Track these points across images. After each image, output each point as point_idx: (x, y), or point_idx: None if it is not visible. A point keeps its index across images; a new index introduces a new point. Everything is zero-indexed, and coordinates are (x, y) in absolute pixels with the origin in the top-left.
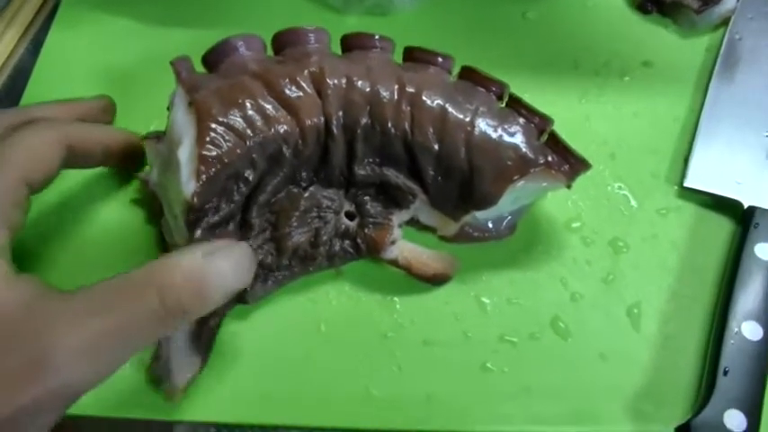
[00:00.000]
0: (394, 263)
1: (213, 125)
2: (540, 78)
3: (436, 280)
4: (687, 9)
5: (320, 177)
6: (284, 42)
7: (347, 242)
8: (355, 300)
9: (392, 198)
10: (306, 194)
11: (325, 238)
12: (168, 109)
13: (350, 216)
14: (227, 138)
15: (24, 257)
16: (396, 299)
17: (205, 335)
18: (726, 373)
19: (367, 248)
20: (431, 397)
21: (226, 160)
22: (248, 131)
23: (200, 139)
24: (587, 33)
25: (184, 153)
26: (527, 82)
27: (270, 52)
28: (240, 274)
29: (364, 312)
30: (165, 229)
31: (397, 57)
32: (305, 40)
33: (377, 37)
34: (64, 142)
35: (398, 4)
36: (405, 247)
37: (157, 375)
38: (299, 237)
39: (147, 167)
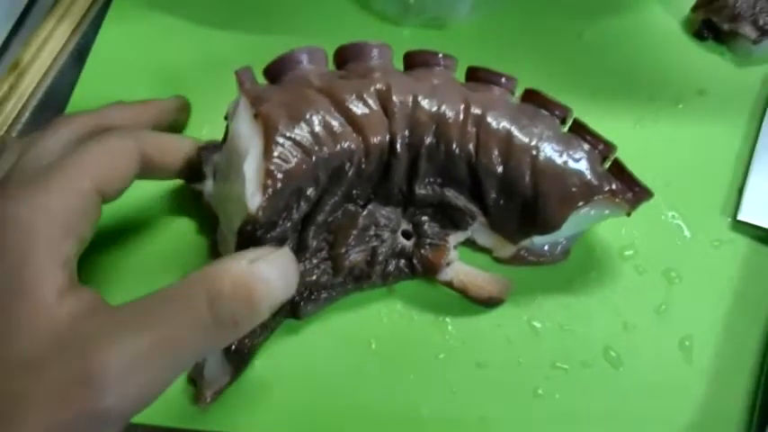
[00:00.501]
0: (449, 284)
1: (280, 139)
2: (595, 101)
3: (491, 303)
4: (744, 38)
5: (378, 195)
6: (347, 57)
7: (403, 261)
8: (407, 318)
9: (450, 219)
10: (364, 213)
11: (381, 257)
12: (226, 118)
13: (406, 235)
14: (293, 153)
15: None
16: (448, 319)
17: (240, 350)
18: None
19: (423, 269)
20: (483, 420)
21: (292, 176)
22: (315, 147)
23: (268, 153)
24: (642, 57)
25: (251, 166)
26: (582, 104)
27: (331, 65)
28: (288, 282)
29: (416, 332)
30: (219, 240)
31: (457, 72)
32: (369, 55)
33: (441, 55)
34: (140, 153)
35: (456, 17)
36: (460, 268)
37: (193, 377)
38: (355, 256)
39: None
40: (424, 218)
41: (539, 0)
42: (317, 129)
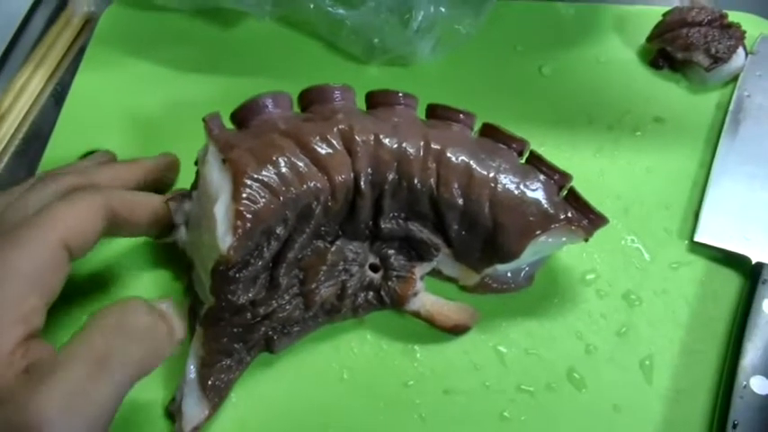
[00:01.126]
0: (416, 314)
1: (248, 182)
2: (556, 133)
3: (457, 330)
4: (698, 66)
5: (346, 231)
6: (311, 99)
7: (371, 294)
8: (377, 348)
9: (416, 251)
10: (332, 249)
11: (350, 291)
12: (196, 164)
13: (374, 268)
14: (262, 194)
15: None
16: (416, 347)
17: (217, 385)
18: (735, 426)
19: (391, 301)
20: None
21: (261, 216)
22: (282, 188)
23: (237, 196)
24: (601, 88)
25: (221, 209)
26: (543, 136)
27: (296, 107)
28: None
29: (386, 361)
30: (195, 281)
31: (420, 109)
32: (331, 97)
33: (401, 94)
34: (108, 210)
35: (420, 56)
36: (427, 299)
37: (172, 413)
38: (326, 290)
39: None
40: (391, 251)
41: (499, 38)
42: (284, 170)
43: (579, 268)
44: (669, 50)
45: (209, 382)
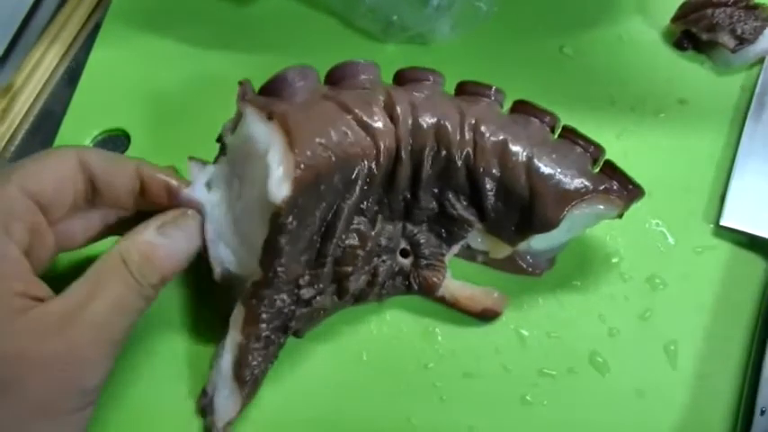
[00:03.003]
0: (442, 300)
1: (302, 135)
2: (578, 114)
3: (486, 315)
4: (723, 47)
5: (383, 206)
6: (340, 76)
7: (400, 279)
8: (396, 330)
9: (447, 230)
10: (373, 232)
11: (381, 278)
12: (218, 140)
13: (404, 254)
14: (315, 150)
15: None
16: (437, 330)
17: (250, 378)
18: (763, 413)
19: (420, 288)
20: (472, 429)
21: (318, 170)
22: (333, 146)
23: (293, 147)
24: (623, 69)
25: (274, 158)
26: (564, 117)
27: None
28: (191, 239)
29: (406, 343)
30: (233, 267)
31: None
32: (359, 72)
33: (429, 71)
34: (84, 167)
35: (439, 34)
36: (452, 284)
37: (204, 408)
38: (360, 279)
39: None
40: (422, 237)
41: (519, 16)
42: (332, 130)
43: (602, 251)
44: (694, 31)
45: (245, 374)
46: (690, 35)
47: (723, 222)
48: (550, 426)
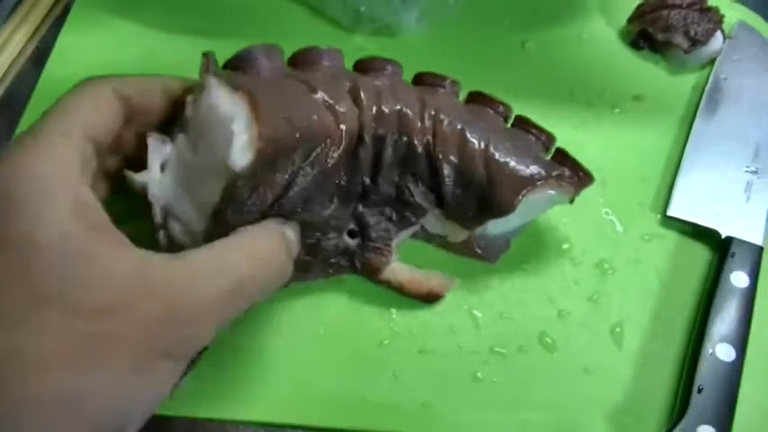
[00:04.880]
0: (386, 283)
1: (268, 108)
2: (537, 106)
3: (430, 298)
4: (677, 48)
5: (341, 188)
6: (302, 60)
7: (344, 258)
8: (353, 308)
9: (400, 214)
10: (325, 212)
11: (324, 253)
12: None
13: (351, 234)
14: (279, 124)
15: None
16: (393, 309)
17: None
18: (700, 390)
19: (363, 270)
20: (425, 405)
21: (281, 143)
22: (296, 122)
23: (258, 118)
24: (582, 65)
25: (239, 127)
26: (525, 109)
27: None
28: (298, 246)
29: (362, 320)
30: (165, 239)
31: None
32: (321, 58)
33: (388, 61)
34: (121, 95)
35: (406, 26)
36: (398, 267)
37: None
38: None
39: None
40: (372, 219)
41: (485, 11)
42: (298, 107)
43: (555, 237)
44: (650, 31)
45: None
46: (646, 35)
47: (670, 213)
48: (500, 401)
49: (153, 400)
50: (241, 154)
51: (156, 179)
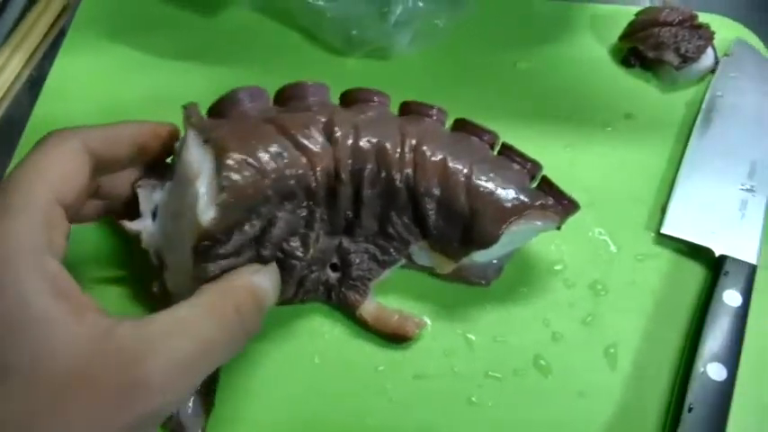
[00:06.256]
0: (359, 319)
1: (231, 158)
2: (529, 126)
3: (396, 338)
4: (668, 65)
5: (324, 222)
6: (288, 96)
7: (321, 288)
8: (348, 334)
9: (383, 251)
10: (310, 246)
11: (306, 286)
12: (171, 157)
13: (333, 267)
14: (244, 171)
15: None
16: None
17: (207, 381)
18: (690, 410)
19: (339, 304)
20: (420, 428)
21: (244, 192)
22: (264, 167)
23: (220, 170)
24: (573, 84)
25: (203, 183)
26: (516, 129)
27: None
28: (276, 288)
29: (357, 346)
30: (168, 280)
31: (394, 104)
32: (307, 93)
33: (374, 92)
34: (88, 150)
35: (398, 48)
36: (369, 306)
37: (171, 429)
38: (287, 289)
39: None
40: (356, 258)
41: (476, 33)
42: (266, 152)
43: (547, 259)
44: (640, 49)
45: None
46: (637, 53)
47: (664, 230)
48: (495, 425)
49: None
50: (206, 207)
51: (148, 228)
